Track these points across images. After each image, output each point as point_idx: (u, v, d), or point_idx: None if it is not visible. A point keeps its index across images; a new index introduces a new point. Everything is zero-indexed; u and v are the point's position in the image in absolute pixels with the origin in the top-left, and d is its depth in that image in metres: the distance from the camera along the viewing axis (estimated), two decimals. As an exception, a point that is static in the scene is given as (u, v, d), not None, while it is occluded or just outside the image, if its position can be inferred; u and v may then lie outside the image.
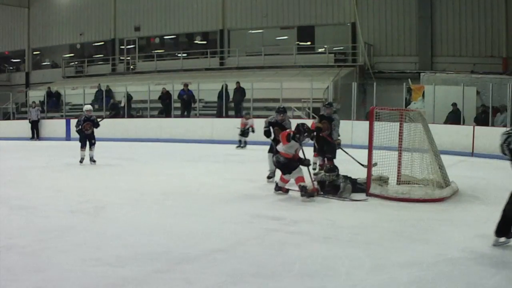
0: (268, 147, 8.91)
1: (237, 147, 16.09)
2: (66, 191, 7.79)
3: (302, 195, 7.18)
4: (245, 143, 16.17)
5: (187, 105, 20.17)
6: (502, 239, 4.85)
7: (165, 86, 20.98)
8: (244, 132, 16.15)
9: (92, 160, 11.23)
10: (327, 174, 7.66)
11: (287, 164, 7.34)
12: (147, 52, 27.53)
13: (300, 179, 7.26)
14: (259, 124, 12.67)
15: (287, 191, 7.54)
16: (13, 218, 6.02)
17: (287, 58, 23.13)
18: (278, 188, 7.59)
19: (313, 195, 7.19)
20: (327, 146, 9.18)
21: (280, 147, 7.50)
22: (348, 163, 8.74)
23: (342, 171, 7.83)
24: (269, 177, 8.66)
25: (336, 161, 8.70)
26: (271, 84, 19.62)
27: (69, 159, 12.10)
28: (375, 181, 7.52)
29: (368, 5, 22.10)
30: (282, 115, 8.60)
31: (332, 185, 7.51)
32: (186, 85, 20.36)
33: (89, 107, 11.92)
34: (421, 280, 3.89)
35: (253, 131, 15.70)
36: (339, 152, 9.11)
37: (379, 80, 19.86)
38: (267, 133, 8.56)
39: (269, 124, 8.62)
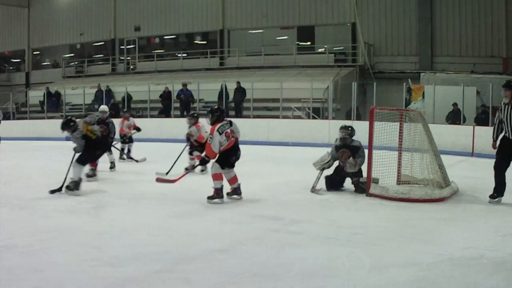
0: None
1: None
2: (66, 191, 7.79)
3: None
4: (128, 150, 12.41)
5: (186, 105, 20.18)
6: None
7: (167, 85, 21.01)
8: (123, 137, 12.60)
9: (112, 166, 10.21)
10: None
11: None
12: (147, 52, 27.54)
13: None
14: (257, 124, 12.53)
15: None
16: (13, 218, 6.02)
17: (287, 58, 23.14)
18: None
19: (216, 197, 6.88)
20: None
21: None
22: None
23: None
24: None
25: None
26: (271, 84, 19.62)
27: (69, 159, 12.05)
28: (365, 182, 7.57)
29: (368, 5, 22.10)
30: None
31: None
32: (184, 85, 20.39)
33: (105, 108, 10.87)
34: (421, 280, 3.89)
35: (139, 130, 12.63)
36: None
37: (379, 80, 19.86)
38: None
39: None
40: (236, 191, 7.19)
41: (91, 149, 8.00)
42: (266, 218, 6.05)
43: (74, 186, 7.54)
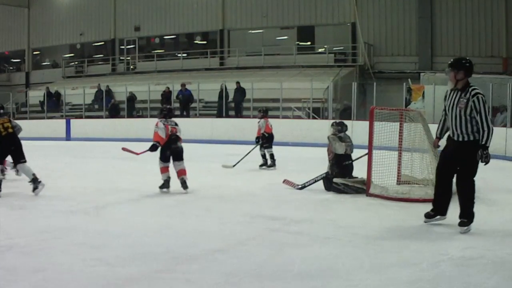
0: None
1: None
2: (66, 191, 7.79)
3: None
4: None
5: (185, 105, 20.21)
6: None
7: (167, 86, 21.03)
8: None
9: None
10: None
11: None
12: (147, 52, 27.54)
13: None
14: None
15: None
16: (13, 218, 6.02)
17: (287, 58, 23.14)
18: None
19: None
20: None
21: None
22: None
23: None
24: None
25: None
26: (271, 84, 19.62)
27: (69, 159, 12.13)
28: (357, 182, 7.61)
29: (368, 5, 22.11)
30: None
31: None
32: (183, 85, 20.42)
33: None
34: (421, 280, 3.89)
35: None
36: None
37: (379, 80, 19.87)
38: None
39: None
40: (182, 184, 7.69)
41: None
42: (266, 218, 6.04)
43: None
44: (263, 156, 10.91)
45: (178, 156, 7.77)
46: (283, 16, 23.87)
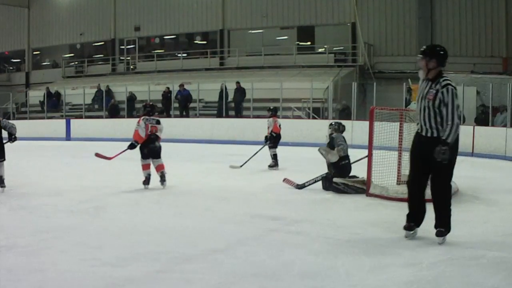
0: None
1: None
2: (66, 191, 7.79)
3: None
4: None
5: (184, 105, 20.24)
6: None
7: (167, 86, 21.04)
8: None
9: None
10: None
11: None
12: (147, 52, 27.54)
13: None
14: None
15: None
16: (13, 218, 6.02)
17: (287, 58, 23.13)
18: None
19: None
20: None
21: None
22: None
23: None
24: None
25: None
26: (271, 84, 19.62)
27: (69, 159, 12.13)
28: (357, 182, 7.62)
29: (368, 5, 22.11)
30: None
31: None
32: (181, 85, 20.45)
33: None
34: (421, 280, 3.89)
35: None
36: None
37: (379, 80, 19.87)
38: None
39: None
40: (161, 178, 8.06)
41: None
42: (266, 218, 6.04)
43: None
44: (274, 156, 10.92)
45: (155, 154, 8.12)
46: (283, 16, 23.86)
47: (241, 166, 10.50)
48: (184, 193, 7.68)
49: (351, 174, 8.01)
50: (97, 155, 8.26)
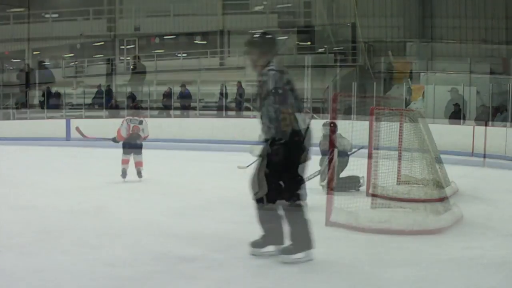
0: None
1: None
2: (66, 191, 7.79)
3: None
4: None
5: (184, 105, 20.24)
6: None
7: (169, 85, 21.07)
8: None
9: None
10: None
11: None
12: (147, 52, 27.51)
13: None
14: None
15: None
16: (13, 218, 6.01)
17: (287, 58, 23.10)
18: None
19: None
20: None
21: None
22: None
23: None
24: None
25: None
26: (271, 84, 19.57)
27: (69, 159, 12.12)
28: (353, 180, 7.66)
29: (368, 5, 22.09)
30: None
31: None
32: (183, 85, 20.44)
33: None
34: (421, 280, 3.89)
35: None
36: None
37: (379, 80, 19.85)
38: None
39: None
40: (138, 173, 8.81)
41: None
42: (266, 218, 6.03)
43: None
44: None
45: (136, 151, 8.88)
46: (282, 16, 23.84)
47: (247, 166, 10.36)
48: (184, 193, 7.68)
49: (350, 172, 7.97)
50: (77, 129, 9.40)
